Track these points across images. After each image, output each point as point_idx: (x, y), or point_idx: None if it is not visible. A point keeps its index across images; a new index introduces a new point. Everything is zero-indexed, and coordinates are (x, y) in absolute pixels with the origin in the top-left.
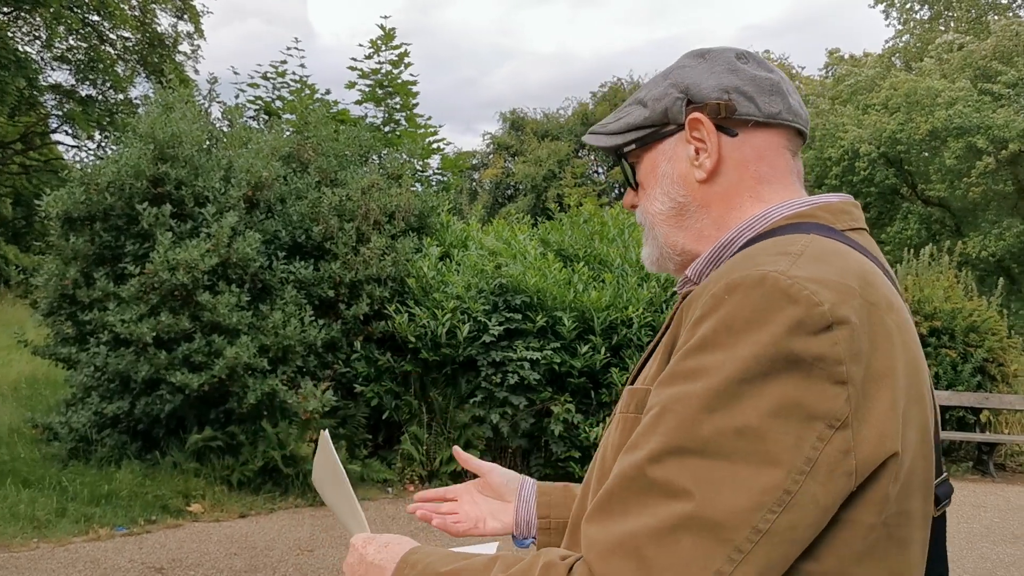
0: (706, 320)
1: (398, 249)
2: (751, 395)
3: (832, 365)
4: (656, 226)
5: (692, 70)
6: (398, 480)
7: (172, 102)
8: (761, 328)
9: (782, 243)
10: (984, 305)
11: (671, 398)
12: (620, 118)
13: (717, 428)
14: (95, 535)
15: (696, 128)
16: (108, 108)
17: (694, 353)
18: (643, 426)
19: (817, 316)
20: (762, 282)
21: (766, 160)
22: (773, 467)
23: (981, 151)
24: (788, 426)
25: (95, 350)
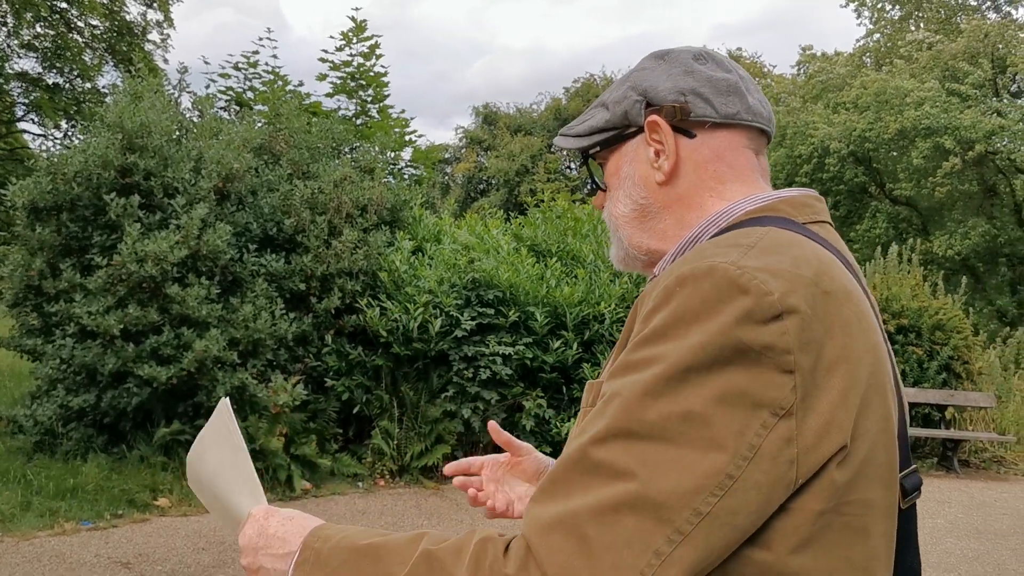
0: (658, 312)
1: (370, 243)
2: (698, 382)
3: (780, 354)
4: (620, 227)
5: (651, 72)
6: (368, 475)
7: (141, 91)
8: (710, 318)
9: (735, 236)
10: (950, 303)
11: (620, 386)
12: (585, 121)
13: (662, 412)
14: (60, 529)
15: (654, 130)
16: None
17: (645, 344)
18: (592, 413)
19: (766, 305)
20: (711, 273)
21: (725, 160)
22: (717, 451)
23: (948, 151)
24: (733, 413)
25: (61, 342)
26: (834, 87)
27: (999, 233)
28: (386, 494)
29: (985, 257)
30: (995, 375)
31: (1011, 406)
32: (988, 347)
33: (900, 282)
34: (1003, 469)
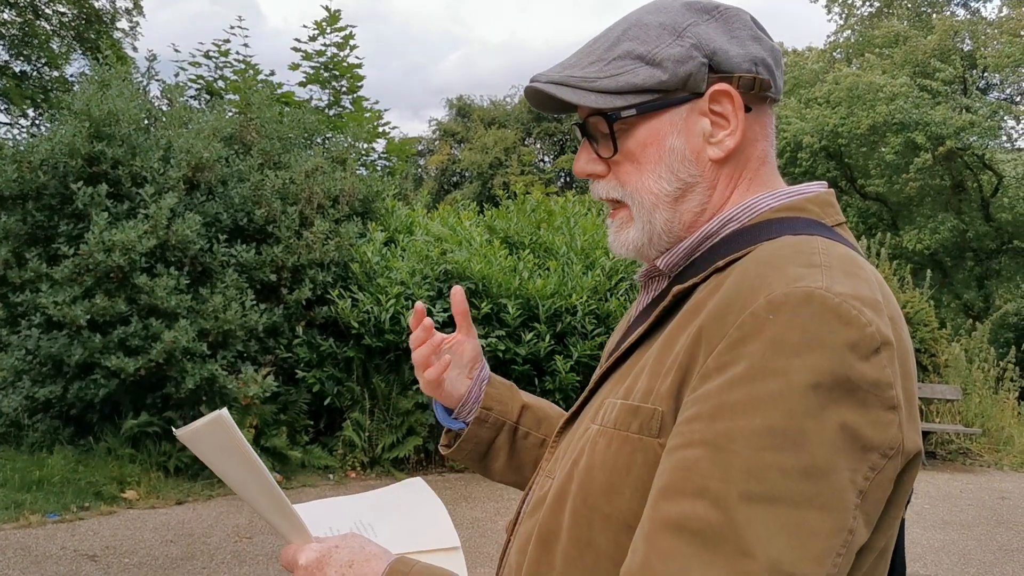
0: (749, 342)
1: (342, 234)
2: (814, 430)
3: (885, 390)
4: (657, 208)
5: (711, 31)
6: (339, 466)
7: (109, 79)
8: (815, 352)
9: (798, 247)
10: (917, 297)
11: (724, 435)
12: (614, 74)
13: (783, 470)
14: (26, 522)
15: (719, 101)
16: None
17: (743, 382)
18: (690, 466)
19: (868, 338)
20: (809, 300)
21: (769, 138)
22: (840, 509)
23: (919, 147)
24: (848, 460)
25: (27, 333)
26: (806, 83)
27: (967, 228)
28: (357, 486)
29: (953, 252)
30: (960, 368)
31: (976, 398)
32: (954, 340)
33: None
34: (969, 461)
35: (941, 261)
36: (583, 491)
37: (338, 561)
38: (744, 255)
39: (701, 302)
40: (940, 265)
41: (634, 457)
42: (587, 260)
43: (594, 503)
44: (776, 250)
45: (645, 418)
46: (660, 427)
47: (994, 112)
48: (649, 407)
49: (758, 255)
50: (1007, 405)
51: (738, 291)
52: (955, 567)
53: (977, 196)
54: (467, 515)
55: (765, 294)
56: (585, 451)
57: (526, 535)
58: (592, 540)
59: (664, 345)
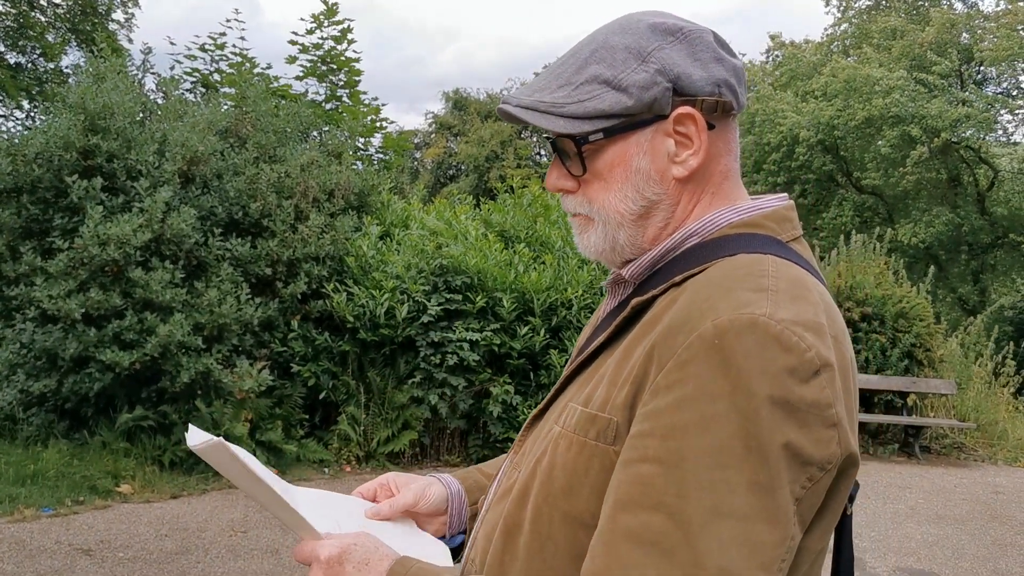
0: (696, 364)
1: (337, 227)
2: (759, 449)
3: (824, 409)
4: (622, 225)
5: (674, 54)
6: (335, 460)
7: (104, 72)
8: (758, 377)
9: (749, 269)
10: (913, 292)
11: (676, 453)
12: (581, 100)
13: (732, 486)
14: (20, 516)
15: (683, 123)
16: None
17: (692, 402)
18: (647, 481)
19: (807, 363)
20: (753, 328)
21: (732, 152)
22: (784, 521)
23: (915, 140)
24: (790, 474)
25: (21, 326)
26: (803, 75)
27: (963, 222)
28: (352, 480)
29: (948, 246)
30: (956, 363)
31: (971, 393)
32: (950, 335)
33: (864, 270)
34: (963, 455)
35: (936, 255)
36: (544, 489)
37: (356, 558)
38: (700, 271)
39: (657, 316)
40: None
41: (591, 462)
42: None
43: (554, 501)
44: (729, 271)
45: (602, 427)
46: (615, 436)
47: (990, 105)
48: (606, 416)
49: (711, 275)
50: (1001, 400)
51: (688, 313)
52: (949, 561)
53: (973, 190)
54: None
55: (712, 318)
56: (548, 451)
57: (493, 521)
58: (552, 535)
59: (622, 356)
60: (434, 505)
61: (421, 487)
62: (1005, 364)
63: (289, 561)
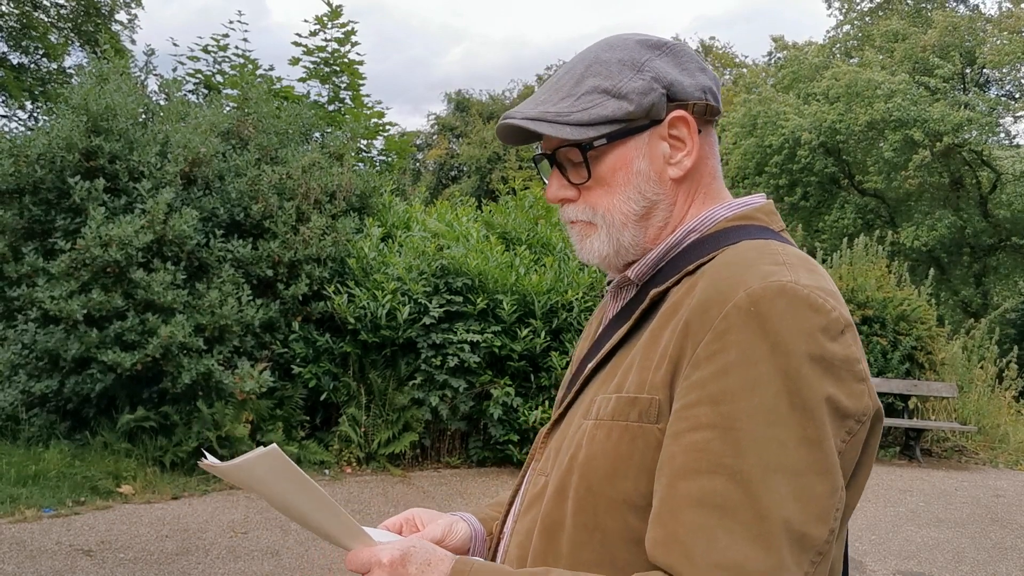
0: (735, 331)
1: (339, 229)
2: (803, 405)
3: (854, 364)
4: (626, 226)
5: (665, 64)
6: (335, 462)
7: (106, 73)
8: (795, 337)
9: (760, 249)
10: (915, 295)
11: (729, 416)
12: (585, 108)
13: (784, 442)
14: (21, 516)
15: (676, 126)
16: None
17: (736, 367)
18: (703, 447)
19: (834, 321)
20: (783, 292)
21: (715, 155)
22: (833, 473)
23: (917, 143)
24: (833, 428)
25: (23, 327)
26: (805, 77)
27: (965, 225)
28: (352, 481)
29: (951, 248)
30: (957, 366)
31: (972, 396)
32: (952, 338)
33: (866, 273)
34: (964, 458)
35: (939, 258)
36: (586, 480)
37: (418, 559)
38: (710, 259)
39: (678, 302)
40: (938, 262)
41: (635, 443)
42: None
43: (598, 489)
44: (742, 252)
45: (643, 407)
46: (658, 413)
47: (992, 108)
48: (646, 397)
49: (725, 258)
50: (1003, 403)
51: (717, 287)
52: (949, 565)
53: (975, 193)
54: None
55: (744, 288)
56: (583, 444)
57: (525, 530)
58: (599, 524)
59: (649, 342)
60: (459, 542)
61: (447, 524)
62: (1008, 368)
63: (289, 562)
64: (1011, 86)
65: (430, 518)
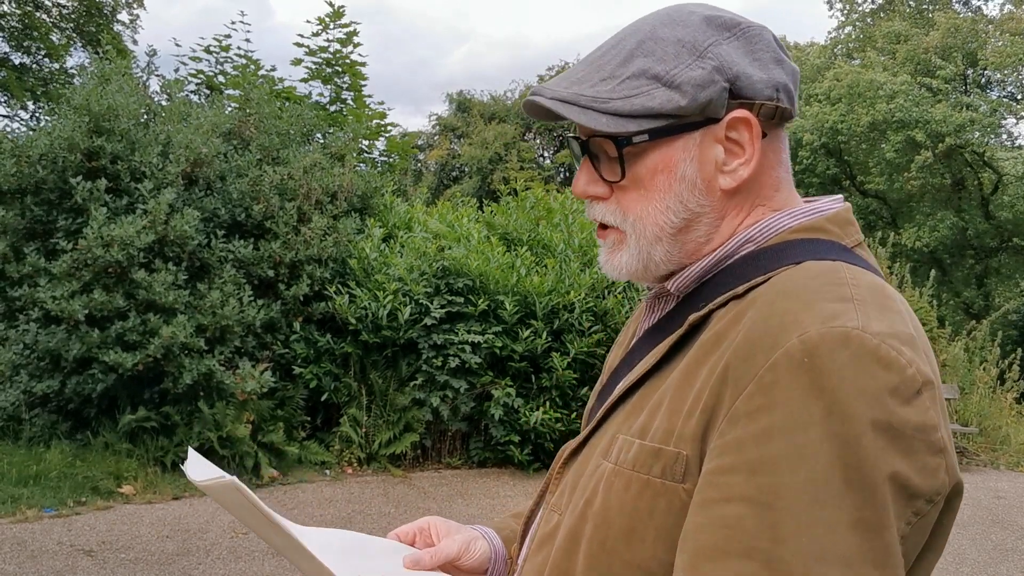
0: (784, 387)
1: (340, 230)
2: (860, 482)
3: (930, 433)
4: (660, 240)
5: (732, 51)
6: (336, 462)
7: (108, 74)
8: (856, 399)
9: (826, 278)
10: (916, 296)
11: (769, 491)
12: (628, 96)
13: (831, 525)
14: (22, 516)
15: (736, 128)
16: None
17: (782, 432)
18: (734, 524)
19: (909, 380)
20: (847, 342)
21: (783, 163)
22: (891, 564)
23: (919, 145)
24: (896, 510)
25: (24, 327)
26: (807, 78)
27: (967, 226)
28: (353, 482)
29: (952, 250)
30: (959, 367)
31: (974, 397)
32: (953, 339)
33: None
34: (965, 460)
35: (941, 259)
36: (600, 534)
37: None
38: (764, 281)
39: (721, 333)
40: (939, 263)
41: (656, 502)
42: (585, 257)
43: (613, 547)
44: (803, 280)
45: (668, 461)
46: (684, 472)
47: (994, 110)
48: (672, 450)
49: (782, 286)
50: (1004, 404)
51: (766, 327)
52: (949, 566)
53: (977, 194)
54: (463, 511)
55: (798, 333)
56: (599, 491)
57: (536, 571)
58: None
59: (682, 379)
60: (478, 562)
61: (465, 539)
62: (1010, 369)
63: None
64: (1013, 87)
65: (447, 530)
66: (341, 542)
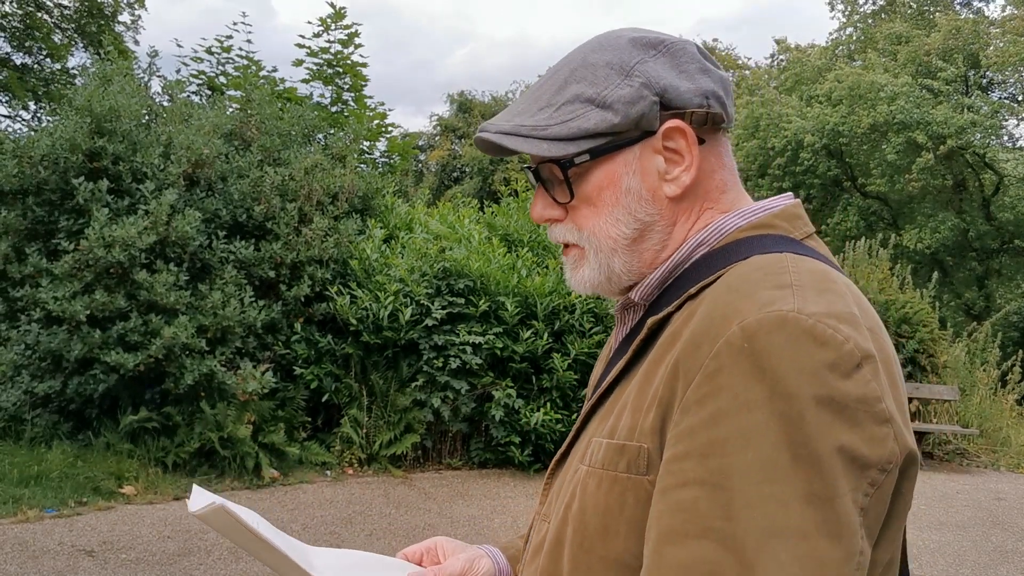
0: (727, 373)
1: (341, 231)
2: (808, 456)
3: (873, 404)
4: (616, 252)
5: (658, 67)
6: (337, 463)
7: (110, 74)
8: (796, 377)
9: (768, 269)
10: (917, 297)
11: (719, 472)
12: (565, 120)
13: (782, 500)
14: (24, 517)
15: (672, 138)
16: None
17: (728, 415)
18: (690, 507)
19: (846, 355)
20: (783, 325)
21: (726, 167)
22: (848, 535)
23: (920, 146)
24: (849, 482)
25: (26, 328)
26: (808, 79)
27: (968, 227)
28: (354, 483)
29: (954, 251)
30: (959, 369)
31: (975, 399)
32: (954, 341)
33: (868, 275)
34: (966, 462)
35: (942, 260)
36: (579, 535)
37: None
38: (715, 279)
39: (676, 332)
40: (941, 264)
41: (625, 496)
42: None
43: (590, 546)
44: (746, 273)
45: (632, 456)
46: (647, 464)
47: (996, 111)
48: (635, 445)
49: (728, 280)
50: (1005, 406)
51: (710, 320)
52: (950, 568)
53: (978, 195)
54: (463, 513)
55: (737, 321)
56: (577, 494)
57: None
58: None
59: (643, 379)
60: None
61: (469, 558)
62: (1011, 371)
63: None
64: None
65: (452, 549)
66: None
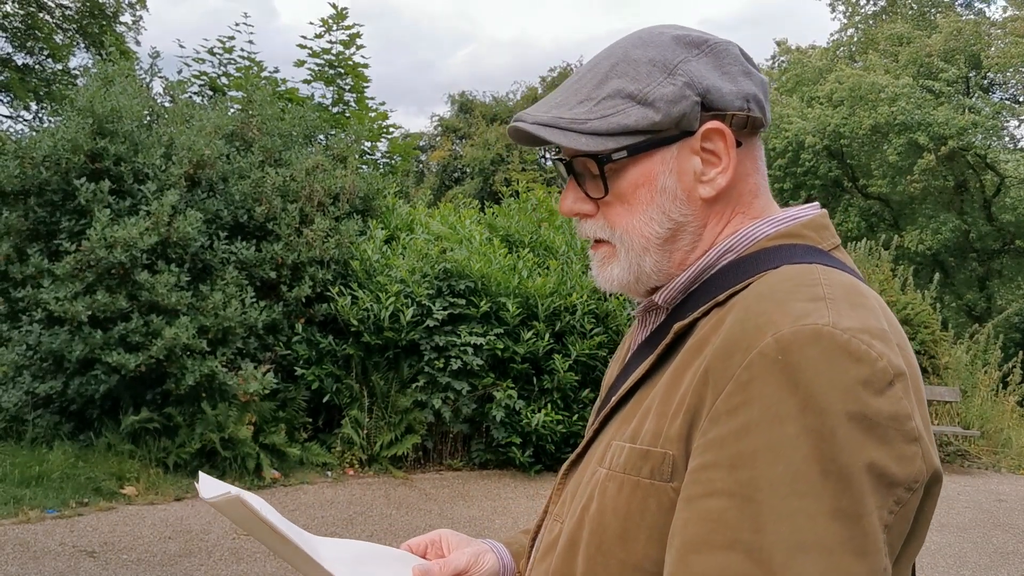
0: (759, 384)
1: (342, 231)
2: (837, 472)
3: (904, 422)
4: (648, 251)
5: (702, 67)
6: (338, 464)
7: (112, 75)
8: (829, 393)
9: (799, 280)
10: (918, 299)
11: (748, 484)
12: (605, 115)
13: (811, 515)
14: (25, 517)
15: (710, 139)
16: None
17: (759, 427)
18: (717, 517)
19: (880, 373)
20: (818, 339)
21: (760, 171)
22: (873, 552)
23: (921, 147)
24: (877, 499)
25: (28, 328)
26: (809, 80)
27: (969, 228)
28: (355, 483)
29: (955, 252)
30: (961, 370)
31: (976, 400)
32: (955, 342)
33: (869, 276)
34: (967, 463)
35: (943, 261)
36: (596, 537)
37: None
38: (744, 287)
39: (704, 339)
40: (942, 265)
41: (647, 502)
42: (587, 259)
43: (609, 549)
44: (777, 283)
45: (656, 462)
46: (672, 471)
47: (997, 112)
48: (659, 451)
49: (759, 289)
50: (1006, 407)
51: (743, 329)
52: (950, 570)
53: (979, 196)
54: (464, 513)
55: (772, 332)
56: (595, 496)
57: None
58: None
59: (669, 384)
60: (486, 575)
61: (474, 552)
62: (1012, 372)
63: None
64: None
65: (457, 543)
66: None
